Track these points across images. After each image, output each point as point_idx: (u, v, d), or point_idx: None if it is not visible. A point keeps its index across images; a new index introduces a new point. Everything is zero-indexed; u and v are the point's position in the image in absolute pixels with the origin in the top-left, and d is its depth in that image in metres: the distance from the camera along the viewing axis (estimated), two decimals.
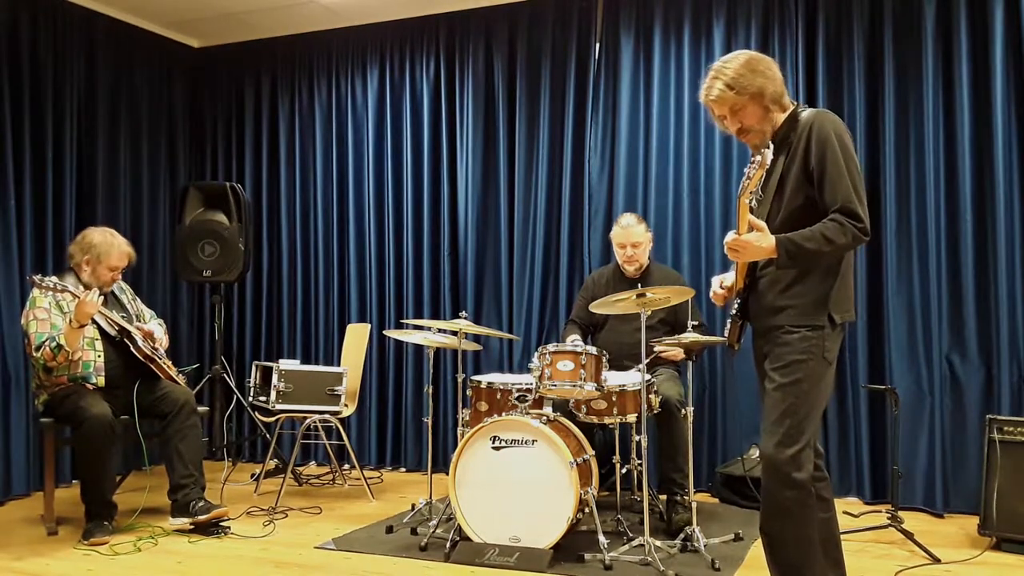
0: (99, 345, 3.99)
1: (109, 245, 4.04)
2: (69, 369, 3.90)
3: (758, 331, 2.63)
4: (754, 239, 2.42)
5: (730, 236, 2.46)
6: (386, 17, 5.57)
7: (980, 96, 4.27)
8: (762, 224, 2.42)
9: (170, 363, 4.21)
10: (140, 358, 4.03)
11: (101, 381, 3.96)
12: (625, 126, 5.00)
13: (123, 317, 4.11)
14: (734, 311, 2.66)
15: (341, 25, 5.70)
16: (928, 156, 4.35)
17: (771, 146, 2.43)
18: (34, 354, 3.84)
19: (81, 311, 3.72)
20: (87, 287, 3.92)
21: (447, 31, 5.46)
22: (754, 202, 2.50)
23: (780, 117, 2.55)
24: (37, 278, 3.68)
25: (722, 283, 2.72)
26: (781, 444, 2.44)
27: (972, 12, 4.29)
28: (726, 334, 2.70)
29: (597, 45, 5.13)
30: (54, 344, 3.77)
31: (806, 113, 2.53)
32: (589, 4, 5.15)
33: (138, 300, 4.39)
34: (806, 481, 2.45)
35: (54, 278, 3.82)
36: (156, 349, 4.13)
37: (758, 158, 2.35)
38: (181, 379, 4.24)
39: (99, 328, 4.00)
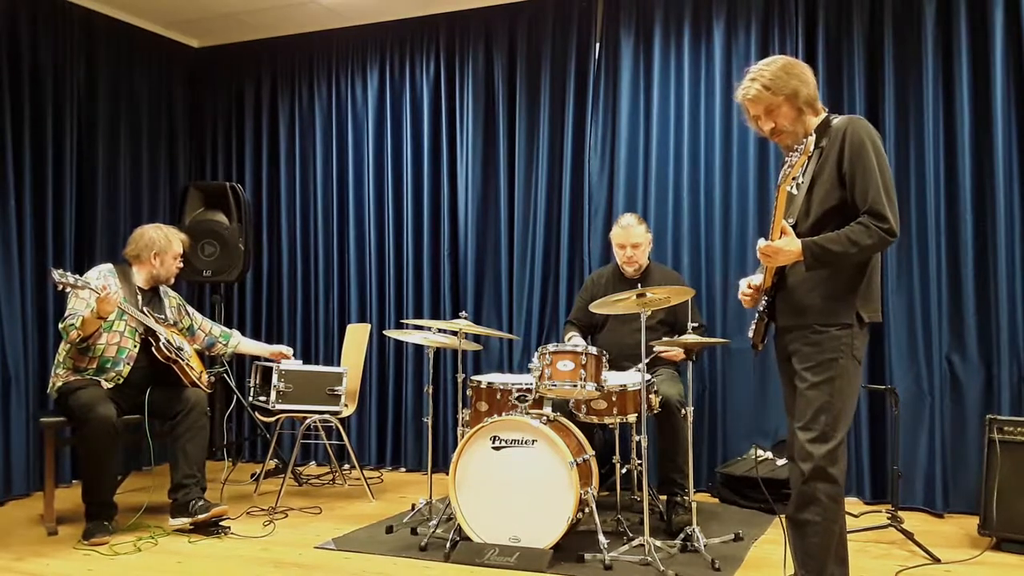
0: (138, 337, 4.06)
1: (169, 237, 4.26)
2: (103, 353, 3.96)
3: (784, 329, 2.68)
4: (783, 244, 2.48)
5: (762, 242, 2.52)
6: (386, 17, 5.57)
7: (980, 96, 4.27)
8: (788, 228, 2.50)
9: (194, 365, 4.23)
10: (160, 358, 4.06)
11: (126, 371, 4.00)
12: (625, 126, 5.00)
13: (157, 319, 4.15)
14: (761, 308, 2.69)
15: (341, 25, 5.70)
16: (928, 156, 4.35)
17: (814, 135, 2.50)
18: (60, 324, 3.95)
19: (100, 307, 3.80)
20: (154, 279, 4.23)
21: (447, 31, 5.46)
22: (795, 188, 2.56)
23: (813, 121, 2.62)
24: (57, 274, 3.72)
25: (749, 284, 2.76)
26: (818, 440, 2.52)
27: (972, 12, 4.29)
28: (750, 334, 2.73)
29: (597, 45, 5.13)
30: (70, 323, 3.86)
31: (839, 119, 2.61)
32: (589, 4, 5.15)
33: (187, 308, 4.44)
34: (840, 476, 2.54)
35: (88, 275, 3.97)
36: (180, 350, 4.15)
37: (800, 146, 2.42)
38: (206, 379, 4.29)
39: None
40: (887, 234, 2.47)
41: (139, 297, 4.15)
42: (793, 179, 2.48)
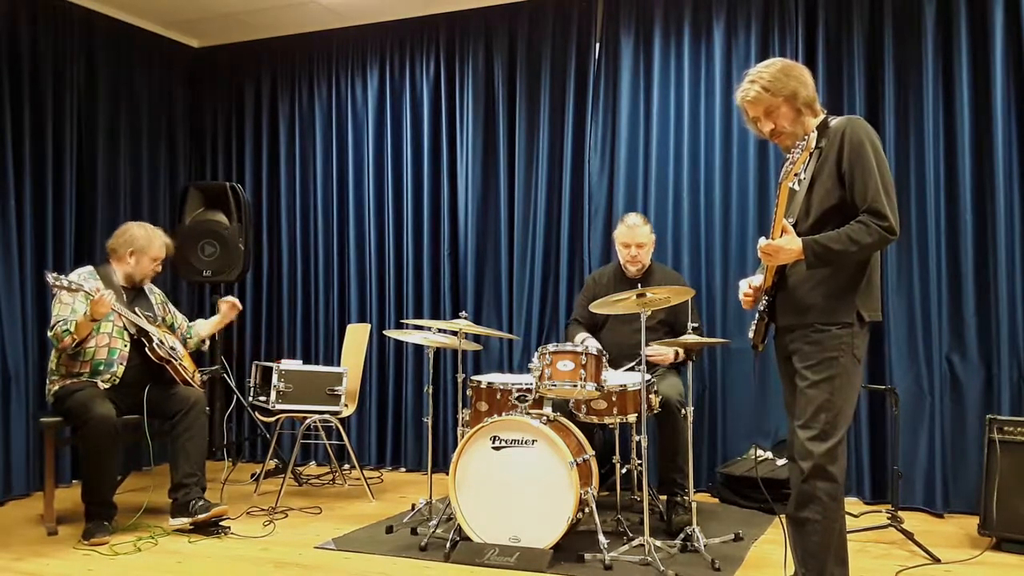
0: (127, 336, 4.04)
1: (150, 237, 4.19)
2: (94, 356, 3.94)
3: (784, 329, 2.69)
4: (784, 243, 2.50)
5: (763, 241, 2.54)
6: (386, 17, 5.57)
7: (980, 96, 4.27)
8: (789, 227, 2.52)
9: (187, 365, 4.23)
10: (154, 359, 4.05)
11: (121, 371, 3.99)
12: (625, 126, 5.00)
13: (147, 317, 4.13)
14: (761, 308, 2.70)
15: (341, 25, 5.70)
16: (928, 156, 4.35)
17: (816, 131, 2.52)
18: (48, 333, 3.91)
19: (95, 309, 3.77)
20: (129, 278, 4.16)
21: (447, 31, 5.46)
22: (796, 185, 2.57)
23: (812, 122, 2.64)
24: (52, 277, 3.71)
25: (750, 284, 2.77)
26: (817, 438, 2.54)
27: (972, 12, 4.29)
28: (751, 334, 2.73)
29: (597, 45, 5.13)
30: (64, 328, 3.83)
31: (838, 120, 2.62)
32: (589, 4, 5.15)
33: (170, 305, 4.42)
34: (839, 475, 2.55)
35: (70, 277, 3.90)
36: (173, 350, 4.14)
37: (802, 143, 2.45)
38: (198, 378, 4.28)
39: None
40: (887, 232, 2.49)
41: (124, 296, 4.13)
42: (795, 175, 2.50)
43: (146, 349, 4.03)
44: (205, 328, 4.53)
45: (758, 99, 2.63)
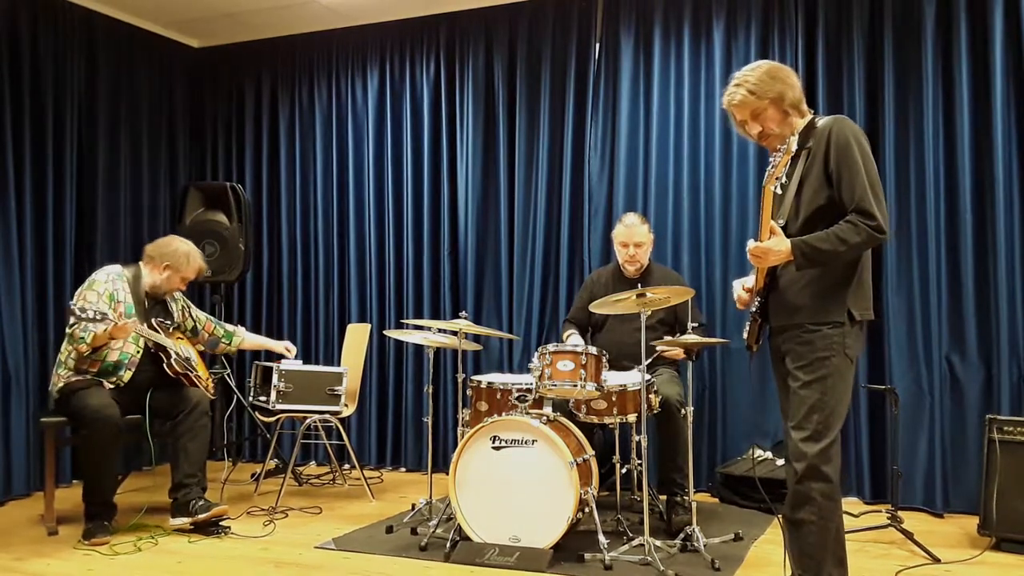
0: (141, 343, 4.04)
1: (190, 258, 4.20)
2: (106, 358, 3.95)
3: (777, 329, 2.69)
4: (772, 245, 2.50)
5: (751, 244, 2.54)
6: (386, 17, 5.57)
7: (980, 96, 4.27)
8: (777, 228, 2.51)
9: (201, 374, 4.23)
10: (171, 374, 4.05)
11: (128, 376, 3.98)
12: (625, 126, 5.01)
13: (164, 325, 4.13)
14: (754, 310, 2.70)
15: (341, 25, 5.71)
16: (928, 156, 4.35)
17: (796, 135, 2.53)
18: (70, 320, 3.88)
19: (115, 333, 3.80)
20: (154, 288, 4.16)
21: (447, 31, 5.46)
22: (779, 188, 2.58)
23: (799, 123, 2.64)
24: (78, 309, 3.69)
25: (744, 286, 2.78)
26: (810, 439, 2.53)
27: (972, 12, 4.29)
28: (745, 335, 2.73)
29: (597, 45, 5.13)
30: (81, 336, 3.81)
31: (824, 120, 2.62)
32: (589, 4, 5.15)
33: (191, 309, 4.42)
34: (834, 475, 2.54)
35: (95, 276, 4.01)
36: (188, 360, 4.15)
37: (783, 146, 2.46)
38: (212, 387, 4.30)
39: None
40: (875, 231, 2.48)
41: (145, 303, 4.14)
42: (776, 179, 2.50)
43: (164, 365, 4.04)
44: (250, 341, 4.62)
45: (744, 102, 2.63)
